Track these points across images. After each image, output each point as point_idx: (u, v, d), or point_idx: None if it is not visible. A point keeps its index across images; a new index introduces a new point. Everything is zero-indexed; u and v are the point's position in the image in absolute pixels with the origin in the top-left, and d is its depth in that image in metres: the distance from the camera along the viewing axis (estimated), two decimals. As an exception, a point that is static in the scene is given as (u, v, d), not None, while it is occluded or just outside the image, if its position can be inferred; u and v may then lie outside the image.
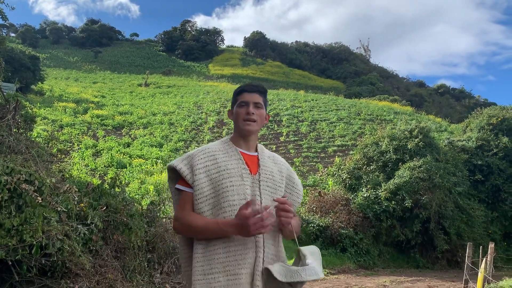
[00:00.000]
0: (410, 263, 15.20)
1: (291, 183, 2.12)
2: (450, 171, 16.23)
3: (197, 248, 1.84)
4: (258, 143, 2.12)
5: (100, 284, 5.54)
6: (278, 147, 24.88)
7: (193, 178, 1.88)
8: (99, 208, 5.93)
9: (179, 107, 32.73)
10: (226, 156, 1.95)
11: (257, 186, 1.92)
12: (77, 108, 27.48)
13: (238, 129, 2.02)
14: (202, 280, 1.79)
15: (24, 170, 4.24)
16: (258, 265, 1.79)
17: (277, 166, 2.08)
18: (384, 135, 17.63)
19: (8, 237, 4.09)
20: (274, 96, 38.84)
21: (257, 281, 1.78)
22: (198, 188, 1.86)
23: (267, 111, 2.11)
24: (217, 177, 1.88)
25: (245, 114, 1.98)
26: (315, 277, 1.75)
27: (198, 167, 1.89)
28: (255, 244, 1.82)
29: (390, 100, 48.52)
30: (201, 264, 1.81)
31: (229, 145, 2.01)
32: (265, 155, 2.07)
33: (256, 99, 2.02)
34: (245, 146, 2.02)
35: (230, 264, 1.79)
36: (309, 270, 1.74)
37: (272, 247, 1.90)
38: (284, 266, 1.77)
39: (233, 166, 1.92)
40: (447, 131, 31.40)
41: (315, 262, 1.83)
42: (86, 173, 14.39)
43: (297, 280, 1.71)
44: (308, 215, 14.13)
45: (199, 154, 1.94)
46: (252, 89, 2.05)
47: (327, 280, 10.29)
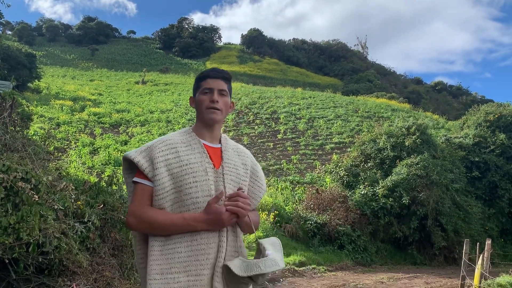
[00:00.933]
0: (407, 260, 15.25)
1: (254, 176, 2.00)
2: (447, 168, 16.26)
3: (153, 245, 1.71)
4: (222, 134, 1.99)
5: (97, 282, 5.53)
6: (275, 144, 24.88)
7: (154, 172, 1.73)
8: (96, 206, 5.91)
9: (176, 104, 32.67)
10: (189, 149, 1.82)
11: (221, 180, 1.81)
12: (74, 106, 27.39)
13: (202, 118, 1.88)
14: (159, 280, 1.66)
15: (20, 168, 4.22)
16: (218, 265, 1.70)
17: (241, 159, 1.96)
18: (382, 132, 17.66)
19: (4, 235, 4.07)
20: (271, 94, 38.81)
21: (216, 283, 1.69)
22: (159, 183, 1.72)
23: (231, 98, 1.97)
24: (178, 172, 1.75)
25: (209, 101, 1.85)
26: (275, 268, 1.67)
27: (159, 160, 1.75)
28: (218, 244, 1.73)
29: (387, 97, 48.57)
30: (159, 262, 1.68)
31: (192, 137, 1.87)
32: (229, 147, 1.95)
33: (221, 85, 1.88)
34: (208, 137, 1.89)
35: (191, 264, 1.68)
36: (268, 261, 1.66)
37: (232, 244, 1.80)
38: (243, 261, 1.69)
39: (196, 160, 1.79)
40: (445, 128, 31.46)
41: (276, 253, 1.75)
42: (83, 171, 14.35)
43: (257, 272, 1.63)
44: (306, 213, 14.14)
45: (160, 145, 1.79)
46: (216, 75, 1.89)
47: (324, 277, 10.31)
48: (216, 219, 1.69)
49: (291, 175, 19.86)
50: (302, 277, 9.98)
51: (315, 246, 13.08)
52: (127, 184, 1.90)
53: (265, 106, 33.26)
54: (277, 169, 20.81)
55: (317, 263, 11.74)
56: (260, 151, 23.62)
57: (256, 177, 2.01)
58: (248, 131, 27.01)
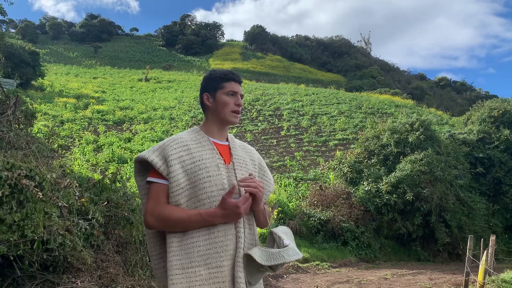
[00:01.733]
0: (411, 256, 15.24)
1: (262, 172, 2.05)
2: (451, 164, 16.22)
3: (172, 241, 1.74)
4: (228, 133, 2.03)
5: (102, 278, 5.56)
6: (279, 141, 24.87)
7: (168, 169, 1.77)
8: (100, 203, 5.94)
9: (179, 102, 32.68)
10: (199, 146, 1.86)
11: (233, 175, 1.84)
12: (78, 104, 27.45)
13: (221, 118, 1.92)
14: (180, 275, 1.69)
15: (24, 166, 4.24)
16: (238, 256, 1.73)
17: (248, 155, 2.01)
18: (385, 128, 17.62)
19: (9, 232, 4.09)
20: (274, 90, 38.75)
21: (239, 273, 1.71)
22: (174, 180, 1.76)
23: None
24: (192, 168, 1.78)
25: (234, 105, 1.91)
26: (298, 257, 1.71)
27: (172, 158, 1.78)
28: (235, 235, 1.76)
29: (391, 93, 48.42)
30: (179, 257, 1.71)
31: (201, 135, 1.91)
32: (236, 144, 2.00)
33: (241, 90, 1.97)
34: (218, 135, 1.94)
35: (211, 256, 1.71)
36: (291, 251, 1.71)
37: (249, 235, 1.83)
38: (263, 250, 1.72)
39: (208, 156, 1.83)
40: (448, 124, 31.34)
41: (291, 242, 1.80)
42: (87, 169, 14.39)
43: (281, 262, 1.67)
44: (309, 209, 14.14)
45: (172, 144, 1.83)
46: (238, 80, 1.96)
47: (328, 273, 10.32)
48: (233, 212, 1.72)
49: (294, 172, 19.85)
50: (305, 273, 9.99)
51: (318, 242, 13.09)
52: (140, 186, 1.93)
53: (268, 103, 33.22)
54: (281, 165, 20.81)
55: (321, 259, 11.75)
56: (264, 147, 23.62)
57: (264, 172, 2.07)
58: (251, 128, 27.01)
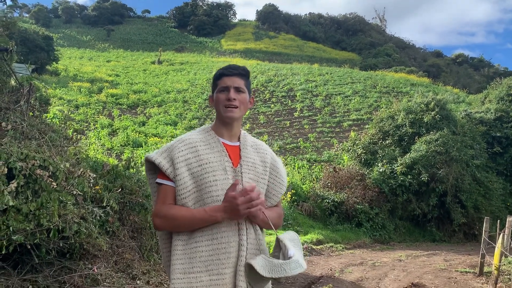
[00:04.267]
0: (426, 237, 15.19)
1: (274, 172, 1.98)
2: (468, 144, 15.97)
3: (176, 244, 1.75)
4: (242, 130, 1.98)
5: (118, 264, 5.67)
6: (292, 122, 24.76)
7: (175, 172, 1.76)
8: (114, 190, 6.01)
9: (192, 84, 32.67)
10: (208, 147, 1.83)
11: (239, 179, 1.82)
12: (92, 88, 27.65)
13: (220, 116, 1.88)
14: (182, 279, 1.69)
15: (38, 156, 4.29)
16: (240, 264, 1.71)
17: (260, 156, 1.95)
18: (400, 108, 17.36)
19: (26, 221, 4.18)
20: (287, 71, 38.41)
21: (240, 282, 1.70)
22: (181, 183, 1.75)
23: (250, 94, 1.95)
24: (199, 171, 1.77)
25: (225, 100, 1.84)
26: (300, 270, 1.67)
27: (179, 160, 1.77)
28: (238, 242, 1.74)
29: (406, 71, 47.58)
30: (181, 262, 1.72)
31: (211, 135, 1.88)
32: (248, 145, 1.94)
33: (237, 82, 1.86)
34: (227, 135, 1.89)
35: (213, 263, 1.70)
36: (293, 264, 1.66)
37: (253, 241, 1.79)
38: (266, 259, 1.69)
39: (216, 159, 1.81)
40: (465, 102, 30.76)
41: (297, 251, 1.75)
42: (102, 153, 14.57)
43: (282, 275, 1.64)
44: (323, 191, 14.14)
45: (179, 145, 1.81)
46: (231, 72, 1.87)
47: (342, 255, 10.36)
48: (231, 205, 1.69)
49: (308, 154, 19.82)
50: (319, 255, 10.05)
51: (332, 224, 13.12)
52: (151, 184, 1.93)
53: (281, 84, 32.98)
54: (294, 147, 20.77)
55: (335, 241, 11.79)
56: (277, 129, 23.56)
57: (277, 173, 1.99)
58: (264, 109, 26.92)
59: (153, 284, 5.58)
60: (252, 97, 1.98)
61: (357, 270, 8.19)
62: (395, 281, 7.28)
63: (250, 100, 1.96)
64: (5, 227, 4.01)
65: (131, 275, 5.61)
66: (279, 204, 2.03)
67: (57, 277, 4.77)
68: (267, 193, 1.94)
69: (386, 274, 7.90)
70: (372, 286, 6.77)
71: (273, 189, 1.96)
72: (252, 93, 27.22)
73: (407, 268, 8.68)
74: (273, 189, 1.96)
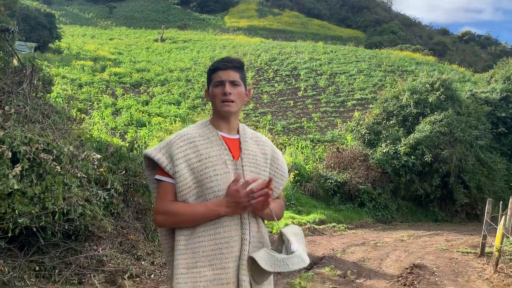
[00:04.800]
0: (428, 217, 15.29)
1: (275, 164, 1.97)
2: (472, 124, 15.89)
3: (179, 239, 1.75)
4: (240, 123, 1.96)
5: (122, 245, 5.75)
6: (296, 102, 24.64)
7: (174, 168, 1.75)
8: (118, 172, 6.04)
9: (195, 62, 32.42)
10: (207, 142, 1.82)
11: (241, 172, 1.81)
12: (95, 66, 27.48)
13: (217, 111, 1.86)
14: (185, 274, 1.70)
15: (42, 140, 4.31)
16: (243, 258, 1.71)
17: (260, 148, 1.94)
18: (405, 88, 17.22)
19: (31, 205, 4.23)
20: (291, 49, 37.99)
21: (243, 276, 1.70)
22: (181, 180, 1.75)
23: (246, 86, 1.92)
24: (198, 166, 1.76)
25: (221, 94, 1.82)
26: (302, 266, 1.66)
27: (178, 157, 1.76)
28: (241, 236, 1.74)
29: (412, 49, 46.99)
30: (184, 257, 1.72)
31: (210, 129, 1.86)
32: (247, 137, 1.93)
33: (232, 76, 1.84)
34: (226, 128, 1.88)
35: (216, 257, 1.71)
36: (296, 259, 1.66)
37: (256, 235, 1.79)
38: (269, 254, 1.69)
39: (216, 153, 1.79)
40: (471, 81, 30.45)
41: (300, 246, 1.74)
42: (106, 133, 14.60)
43: (284, 270, 1.64)
44: (326, 171, 14.17)
45: (178, 141, 1.80)
46: (225, 66, 1.85)
47: (344, 235, 10.46)
48: (233, 199, 1.69)
49: (311, 134, 19.78)
50: (321, 235, 10.15)
51: (335, 204, 13.20)
52: (150, 180, 1.92)
53: (285, 63, 32.67)
54: (298, 127, 20.73)
55: (337, 221, 11.89)
56: (280, 109, 23.48)
57: (277, 165, 1.99)
58: (268, 89, 26.75)
59: (157, 265, 5.67)
60: (248, 89, 1.94)
61: (359, 250, 8.27)
62: (396, 261, 7.36)
63: (247, 93, 1.92)
64: (11, 210, 4.06)
65: (136, 256, 5.70)
66: (280, 195, 2.02)
67: (63, 258, 4.85)
68: None
69: (388, 254, 7.98)
70: (373, 266, 6.86)
71: (274, 181, 1.94)
72: (256, 72, 26.88)
73: (409, 249, 8.76)
74: (274, 181, 1.94)
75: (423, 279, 6.06)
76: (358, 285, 5.61)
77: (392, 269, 6.69)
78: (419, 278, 6.07)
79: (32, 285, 4.32)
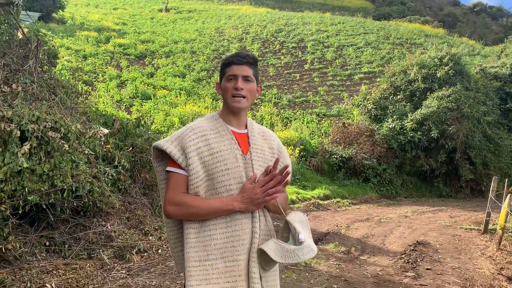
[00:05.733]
0: (433, 192, 15.34)
1: (281, 159, 1.97)
2: (480, 100, 15.73)
3: (189, 232, 1.76)
4: (247, 118, 1.97)
5: (130, 220, 5.84)
6: (302, 75, 24.40)
7: (187, 161, 1.76)
8: (125, 149, 6.07)
9: (200, 33, 31.99)
10: (218, 136, 1.83)
11: (250, 166, 1.82)
12: (99, 37, 27.20)
13: (227, 105, 1.87)
14: (198, 267, 1.72)
15: (49, 118, 4.32)
16: (253, 251, 1.74)
17: (267, 142, 1.96)
18: (413, 62, 16.97)
19: (40, 182, 4.27)
20: (298, 20, 37.32)
21: (253, 268, 1.73)
22: (194, 172, 1.76)
23: (258, 83, 1.92)
24: (210, 160, 1.77)
25: (233, 89, 1.82)
26: (312, 255, 1.69)
27: (191, 149, 1.77)
28: (251, 229, 1.77)
29: (421, 21, 46.06)
30: (196, 250, 1.74)
31: (220, 123, 1.87)
32: (255, 132, 1.94)
33: (246, 71, 1.84)
34: (235, 123, 1.89)
35: (228, 250, 1.73)
36: (306, 249, 1.68)
37: (265, 227, 1.83)
38: (278, 244, 1.71)
39: (226, 147, 1.81)
40: (480, 54, 29.94)
41: (307, 234, 1.76)
42: (111, 106, 14.59)
43: (294, 261, 1.67)
44: (332, 146, 14.16)
45: (190, 134, 1.81)
46: (240, 61, 1.84)
47: (348, 210, 10.54)
48: (249, 196, 1.73)
49: (317, 108, 19.67)
50: (326, 210, 10.23)
51: (340, 179, 13.25)
52: (158, 172, 1.93)
53: (292, 34, 32.16)
54: (303, 101, 20.60)
55: (342, 196, 11.96)
56: (286, 82, 23.29)
57: (283, 160, 1.99)
58: (274, 61, 26.45)
59: (165, 240, 5.76)
60: (260, 86, 1.94)
61: (363, 226, 8.36)
62: (400, 238, 7.44)
63: (258, 89, 1.92)
64: (21, 188, 4.11)
65: (144, 231, 5.79)
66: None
67: (72, 234, 4.94)
68: None
69: (392, 231, 8.06)
70: (377, 243, 6.94)
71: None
72: (262, 43, 26.46)
73: (413, 225, 8.84)
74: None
75: (426, 256, 6.13)
76: (361, 262, 5.70)
77: (396, 246, 6.77)
78: (422, 256, 6.14)
79: (43, 260, 4.42)
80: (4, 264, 4.14)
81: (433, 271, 5.43)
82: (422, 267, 5.58)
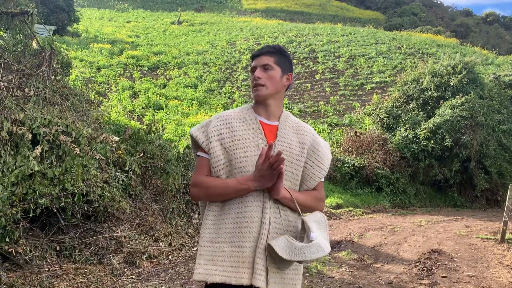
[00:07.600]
0: (447, 202, 15.09)
1: (314, 155, 1.91)
2: (495, 108, 15.51)
3: (208, 214, 1.83)
4: (284, 111, 1.96)
5: (141, 226, 5.82)
6: (313, 85, 24.39)
7: (209, 145, 1.83)
8: (136, 155, 6.08)
9: (212, 45, 32.28)
10: (244, 124, 1.87)
11: None
12: (113, 49, 27.62)
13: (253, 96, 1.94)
14: (208, 247, 1.79)
15: (61, 122, 4.34)
16: (260, 241, 1.73)
17: (298, 137, 1.91)
18: (425, 71, 16.85)
19: (51, 186, 4.28)
20: (309, 31, 37.47)
21: (259, 259, 1.72)
22: (214, 156, 1.82)
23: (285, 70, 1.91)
24: (230, 146, 1.81)
25: (253, 80, 1.88)
26: (320, 255, 1.63)
27: (213, 134, 1.84)
28: (261, 219, 1.75)
29: (433, 31, 45.90)
30: (210, 231, 1.81)
31: (249, 113, 1.91)
32: (287, 125, 1.92)
33: (264, 61, 1.87)
34: (264, 114, 1.90)
35: (235, 235, 1.76)
36: (314, 248, 1.62)
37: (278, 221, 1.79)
38: (288, 241, 1.68)
39: (250, 136, 1.83)
40: (494, 64, 29.64)
41: (320, 234, 1.71)
42: (124, 116, 14.72)
43: (300, 259, 1.63)
44: (344, 156, 14.06)
45: (215, 120, 1.89)
46: (259, 52, 1.91)
47: (361, 219, 10.41)
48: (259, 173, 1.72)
49: (329, 117, 19.60)
50: (338, 219, 10.11)
51: (352, 188, 13.12)
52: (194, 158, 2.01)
53: (303, 45, 32.27)
54: (315, 111, 20.55)
55: (354, 205, 11.82)
56: (298, 92, 23.29)
57: (317, 156, 1.92)
58: (285, 71, 26.48)
59: (175, 246, 5.73)
60: (290, 74, 1.94)
61: (376, 235, 8.22)
62: (414, 246, 7.29)
63: (288, 77, 1.93)
64: (32, 191, 4.12)
65: (154, 237, 5.77)
66: (318, 187, 1.95)
67: (83, 239, 4.93)
68: (304, 175, 1.89)
69: (405, 239, 7.91)
70: (391, 251, 6.81)
71: (310, 172, 1.89)
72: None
73: (427, 234, 8.67)
74: (310, 172, 1.89)
75: (441, 265, 5.99)
76: (375, 270, 5.58)
77: (410, 254, 6.63)
78: (437, 264, 6.00)
79: (53, 264, 4.41)
80: (15, 267, 4.14)
81: (449, 279, 5.29)
82: (437, 275, 5.44)
